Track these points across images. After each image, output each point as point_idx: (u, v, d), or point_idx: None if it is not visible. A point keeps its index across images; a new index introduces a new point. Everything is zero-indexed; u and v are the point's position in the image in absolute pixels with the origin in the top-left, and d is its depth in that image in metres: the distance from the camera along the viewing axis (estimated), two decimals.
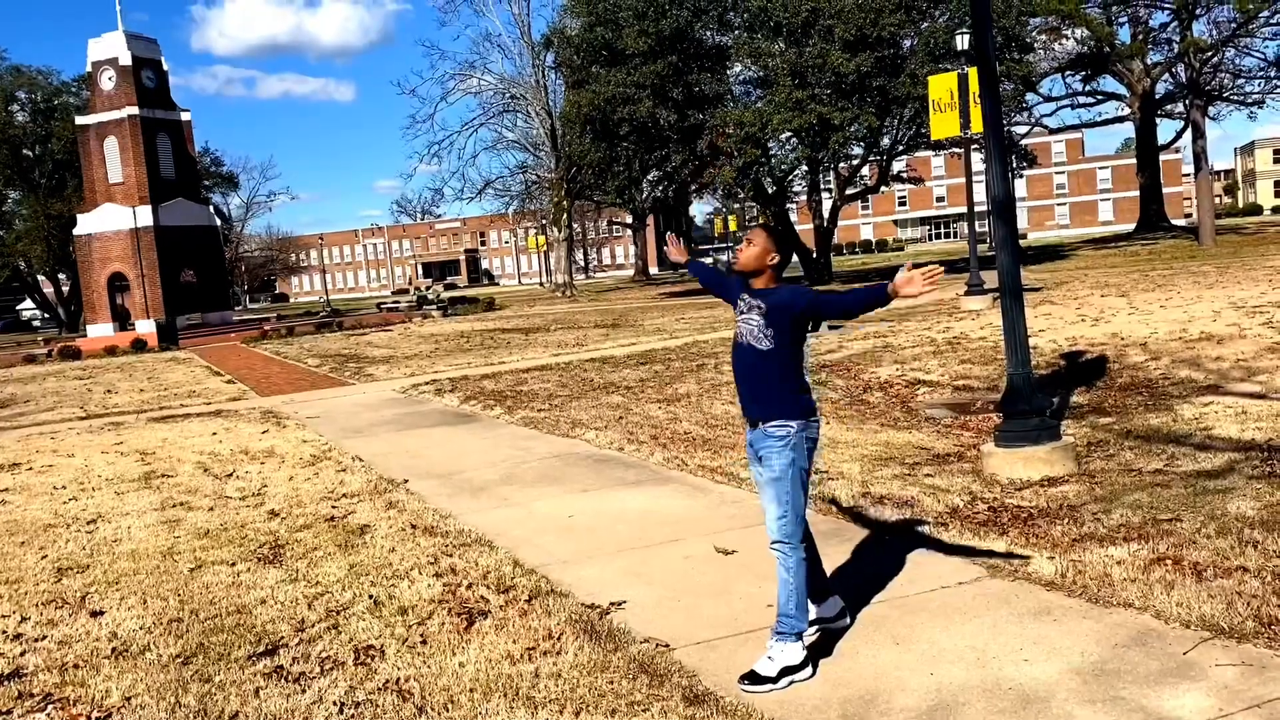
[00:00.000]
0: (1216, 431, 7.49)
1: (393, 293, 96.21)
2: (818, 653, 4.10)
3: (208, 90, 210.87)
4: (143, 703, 4.12)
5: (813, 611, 4.25)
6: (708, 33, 36.90)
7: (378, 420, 12.30)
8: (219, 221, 57.62)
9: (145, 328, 41.29)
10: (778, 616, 3.98)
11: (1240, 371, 9.87)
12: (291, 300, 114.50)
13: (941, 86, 21.76)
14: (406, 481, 8.23)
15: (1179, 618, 4.08)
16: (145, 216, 47.13)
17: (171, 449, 11.06)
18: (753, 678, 3.86)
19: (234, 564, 6.13)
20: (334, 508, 7.46)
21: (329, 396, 15.58)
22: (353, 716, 3.86)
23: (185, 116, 51.21)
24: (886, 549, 5.43)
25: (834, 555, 5.40)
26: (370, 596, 5.26)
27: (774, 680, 3.84)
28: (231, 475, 9.17)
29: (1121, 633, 4.02)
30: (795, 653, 3.91)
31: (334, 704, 3.97)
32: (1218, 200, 53.69)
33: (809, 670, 3.92)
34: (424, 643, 4.54)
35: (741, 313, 4.08)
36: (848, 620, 4.36)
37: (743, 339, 4.06)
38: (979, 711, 3.51)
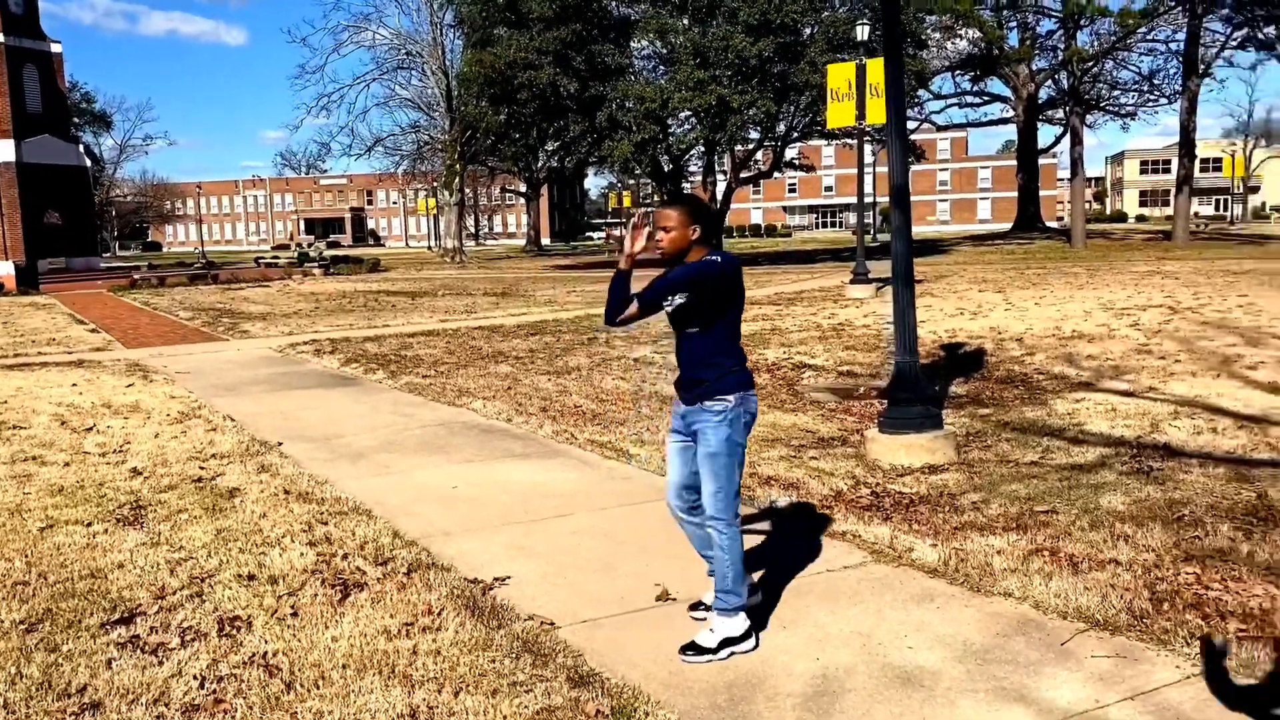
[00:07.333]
0: (1089, 427, 7.75)
1: (273, 248, 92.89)
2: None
3: (84, 22, 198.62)
4: None
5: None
6: (614, 3, 36.57)
7: (252, 379, 11.81)
8: (89, 162, 54.56)
9: (3, 270, 38.90)
10: (716, 594, 3.92)
11: (1110, 370, 10.27)
12: (164, 250, 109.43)
13: (840, 76, 22.02)
14: (280, 444, 7.89)
15: (1057, 608, 4.16)
16: (7, 151, 44.39)
17: (26, 399, 10.39)
18: (693, 648, 3.83)
19: (90, 524, 5.76)
20: (202, 468, 7.10)
21: (200, 351, 14.91)
22: (214, 691, 3.63)
23: (56, 48, 48.34)
24: (774, 531, 5.43)
25: None
26: (238, 564, 4.99)
27: (714, 651, 3.82)
28: (91, 430, 8.65)
29: (1002, 622, 4.08)
30: (738, 624, 3.87)
31: (194, 678, 3.73)
32: (1088, 205, 56.14)
33: (752, 641, 3.90)
34: (294, 615, 4.32)
35: (668, 308, 3.94)
36: (759, 597, 4.30)
37: (675, 326, 3.98)
38: (864, 697, 3.50)
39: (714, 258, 3.84)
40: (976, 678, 3.60)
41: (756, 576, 4.30)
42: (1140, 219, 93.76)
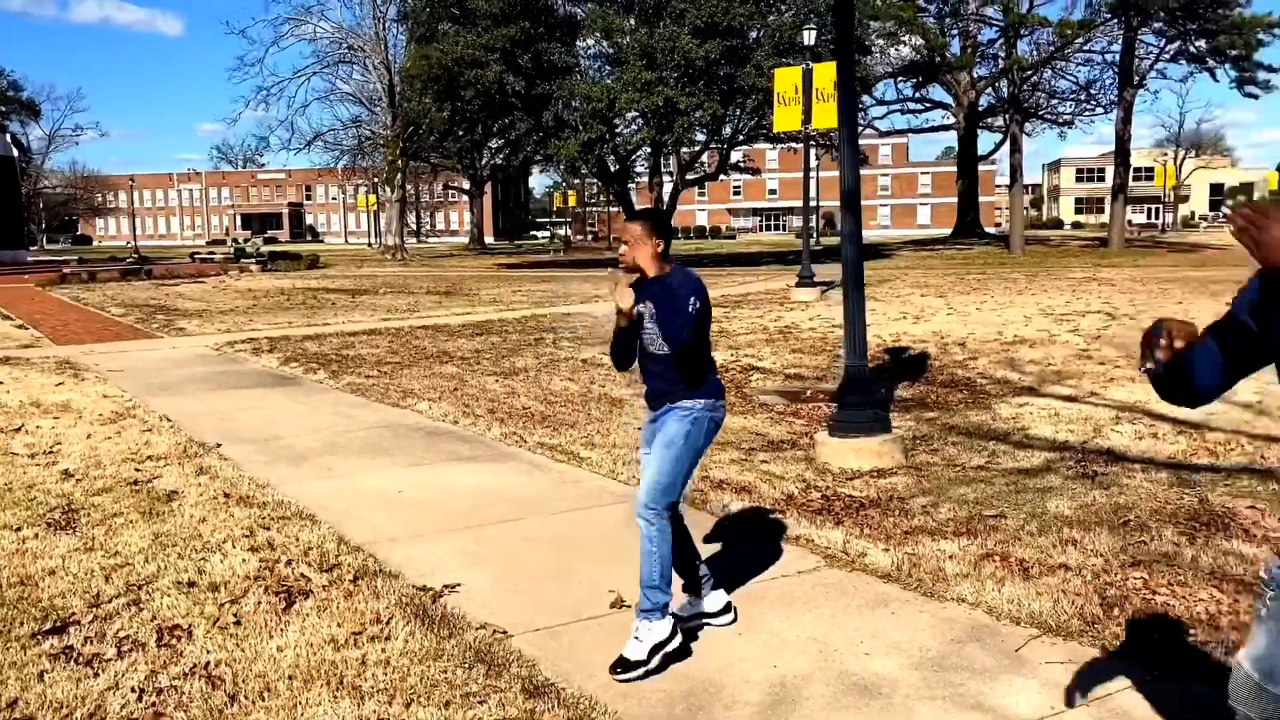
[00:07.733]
0: (1033, 431, 7.85)
1: (208, 243, 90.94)
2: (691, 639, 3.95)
3: (11, 7, 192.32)
4: None
5: (696, 606, 4.15)
6: (560, 1, 36.46)
7: (188, 378, 11.51)
8: (15, 152, 53.00)
9: None
10: (641, 591, 3.79)
11: (1052, 375, 10.43)
12: (95, 244, 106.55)
13: (787, 80, 22.15)
14: (219, 445, 7.69)
15: (1010, 614, 4.18)
16: None
17: None
18: (624, 665, 3.69)
19: (19, 529, 5.54)
20: (138, 470, 6.88)
21: (134, 349, 14.51)
22: (154, 704, 3.50)
23: None
24: (726, 535, 5.39)
25: None
26: (177, 570, 4.83)
27: (646, 662, 3.69)
28: (19, 430, 8.35)
29: (957, 628, 4.08)
30: (664, 626, 3.76)
31: (132, 690, 3.59)
32: (1026, 212, 57.26)
33: (678, 639, 3.80)
34: (237, 624, 4.18)
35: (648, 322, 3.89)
36: (732, 616, 4.18)
37: (646, 347, 3.93)
38: (822, 705, 3.48)
39: (690, 270, 3.83)
40: (933, 685, 3.60)
41: (724, 598, 4.23)
42: (1076, 226, 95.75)
